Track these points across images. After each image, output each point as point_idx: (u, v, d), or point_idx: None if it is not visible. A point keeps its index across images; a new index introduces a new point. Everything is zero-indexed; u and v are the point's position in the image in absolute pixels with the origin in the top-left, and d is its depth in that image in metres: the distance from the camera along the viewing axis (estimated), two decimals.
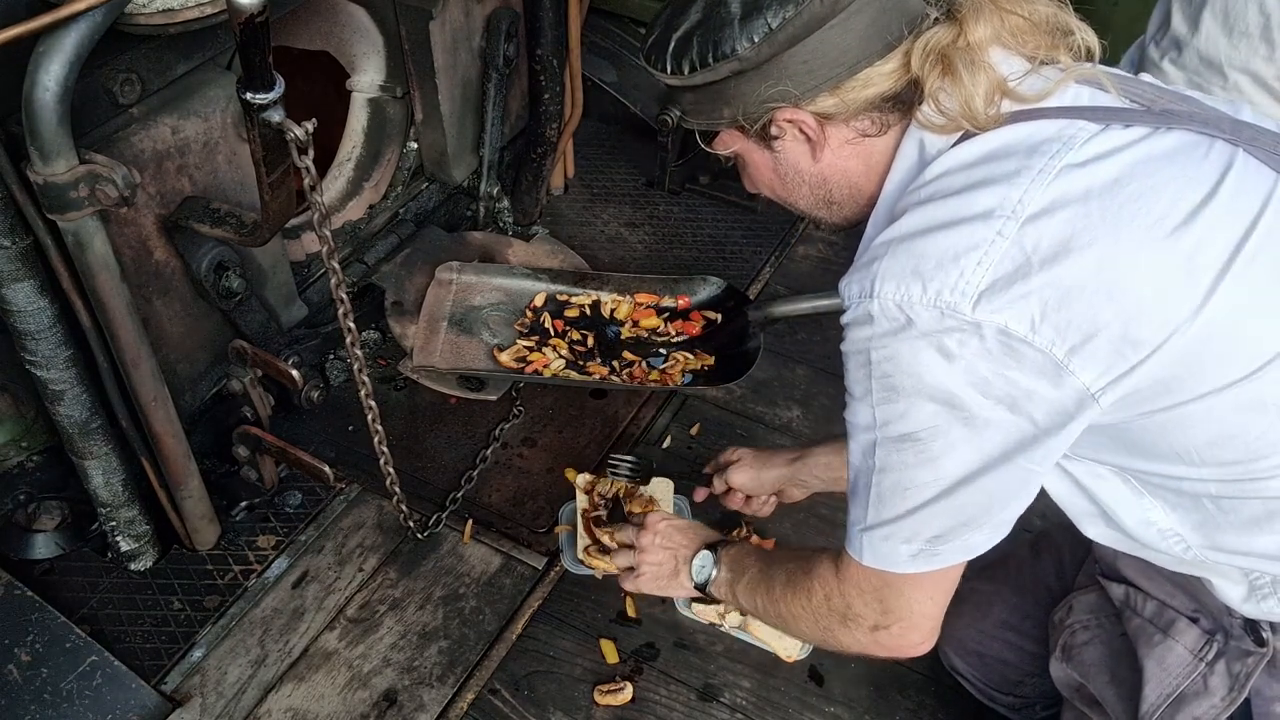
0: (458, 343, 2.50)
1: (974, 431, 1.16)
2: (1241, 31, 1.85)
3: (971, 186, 1.14)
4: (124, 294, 1.68)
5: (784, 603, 1.50)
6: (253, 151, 1.55)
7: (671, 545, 1.77)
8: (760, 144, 1.31)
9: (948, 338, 1.11)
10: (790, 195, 1.38)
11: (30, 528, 2.10)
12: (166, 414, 1.87)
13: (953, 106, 1.17)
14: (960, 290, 1.10)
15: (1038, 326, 1.09)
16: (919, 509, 1.22)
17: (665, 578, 1.78)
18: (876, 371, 1.17)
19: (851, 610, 1.37)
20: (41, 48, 1.40)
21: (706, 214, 3.11)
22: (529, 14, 2.63)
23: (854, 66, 1.19)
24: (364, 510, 2.25)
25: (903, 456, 1.21)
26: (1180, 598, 1.37)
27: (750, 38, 1.19)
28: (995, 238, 1.10)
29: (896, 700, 1.94)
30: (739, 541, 1.70)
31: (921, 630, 1.35)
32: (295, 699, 1.93)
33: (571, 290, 2.66)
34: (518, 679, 1.97)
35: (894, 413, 1.18)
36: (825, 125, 1.25)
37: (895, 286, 1.13)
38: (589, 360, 2.49)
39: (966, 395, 1.14)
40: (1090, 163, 1.12)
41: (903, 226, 1.17)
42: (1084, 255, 1.08)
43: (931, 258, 1.12)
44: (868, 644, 1.38)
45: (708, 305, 2.63)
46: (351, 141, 2.71)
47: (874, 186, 1.30)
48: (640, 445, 2.41)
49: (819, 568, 1.42)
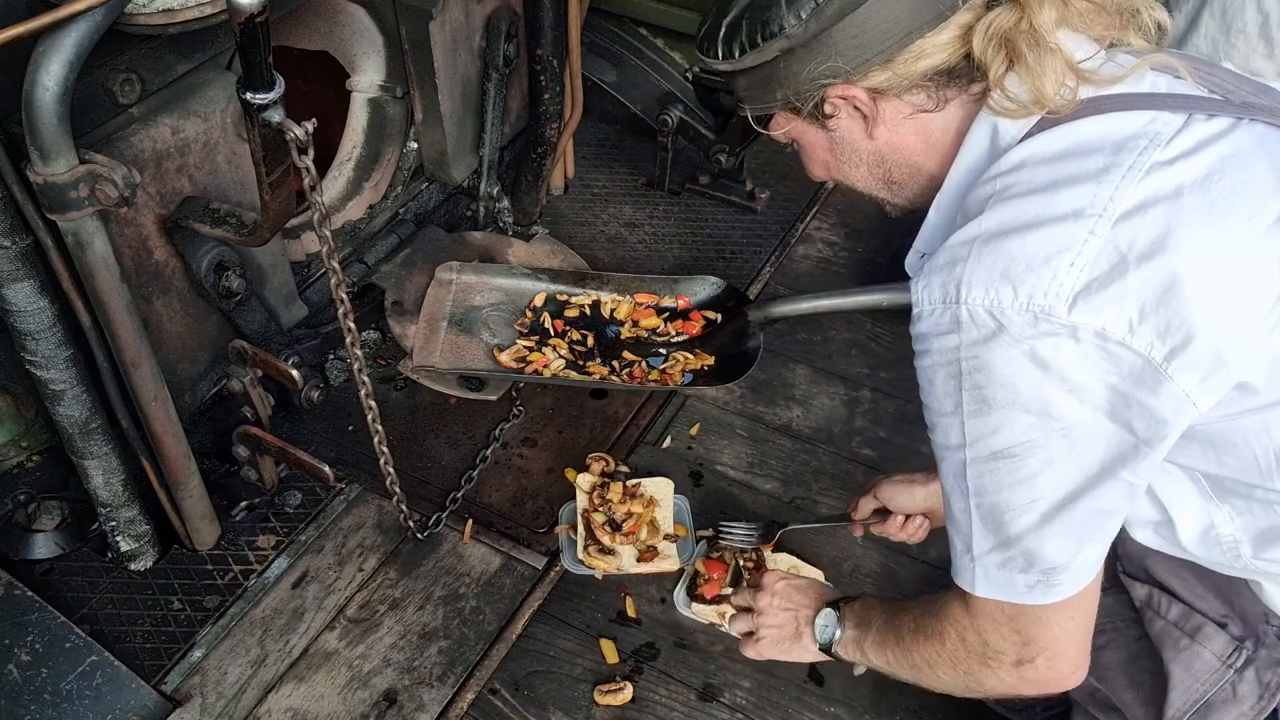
0: (458, 343, 2.50)
1: (1071, 444, 1.11)
2: (1239, 30, 1.85)
3: (1058, 184, 1.10)
4: (124, 294, 1.68)
5: (916, 651, 1.39)
6: (253, 151, 1.55)
7: (792, 606, 1.64)
8: (814, 124, 1.30)
9: (1041, 344, 1.06)
10: (849, 176, 1.35)
11: (30, 528, 2.10)
12: (166, 414, 1.87)
13: (1022, 93, 1.13)
14: (1055, 293, 1.05)
15: (1136, 328, 1.05)
16: (1024, 535, 1.16)
17: (787, 640, 1.64)
18: (967, 383, 1.12)
19: (990, 648, 1.28)
20: (41, 47, 1.40)
21: (706, 214, 3.11)
22: (529, 14, 2.63)
23: (905, 38, 1.16)
24: (364, 510, 2.25)
25: (997, 477, 1.15)
26: (1211, 601, 1.34)
27: (798, 14, 1.17)
28: (1088, 237, 1.06)
29: (896, 700, 1.94)
30: (861, 596, 1.58)
31: (1069, 658, 1.25)
32: (295, 699, 1.93)
33: (571, 290, 2.66)
34: (518, 679, 1.97)
35: (986, 427, 1.13)
36: (878, 100, 1.22)
37: (984, 291, 1.08)
38: (589, 360, 2.49)
39: (1063, 404, 1.09)
40: (1179, 159, 1.08)
41: (985, 224, 1.11)
42: (1181, 252, 1.04)
43: (1021, 260, 1.07)
44: (1014, 683, 1.28)
45: (707, 305, 2.63)
46: (351, 141, 2.71)
47: (936, 166, 1.26)
48: (640, 445, 2.41)
49: (948, 609, 1.33)
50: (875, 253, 2.95)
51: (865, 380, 2.57)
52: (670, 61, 3.22)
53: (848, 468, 2.36)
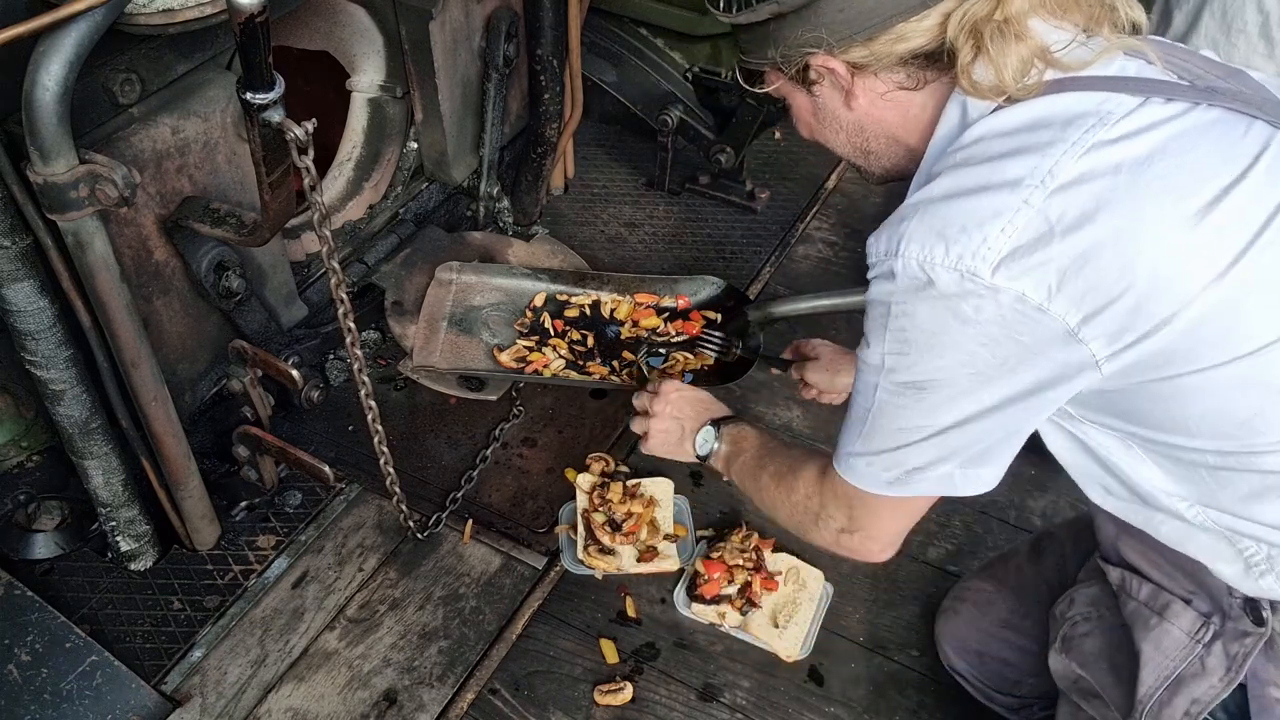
0: (457, 343, 2.50)
1: (976, 386, 1.20)
2: (1239, 29, 1.85)
3: (1005, 154, 1.15)
4: (124, 294, 1.68)
5: (768, 492, 1.60)
6: (253, 151, 1.55)
7: (680, 416, 1.84)
8: (799, 87, 1.35)
9: (965, 302, 1.14)
10: (829, 140, 1.41)
11: (30, 528, 2.10)
12: (166, 414, 1.87)
13: (985, 79, 1.19)
14: (981, 255, 1.12)
15: (1054, 295, 1.11)
16: (906, 447, 1.28)
17: (673, 444, 1.85)
18: (893, 324, 1.21)
19: (825, 512, 1.47)
20: (41, 47, 1.40)
21: (706, 214, 3.11)
22: (529, 14, 2.63)
23: (888, 20, 1.20)
24: (364, 510, 2.25)
25: (902, 401, 1.25)
26: (1179, 579, 1.37)
27: None
28: (1021, 206, 1.11)
29: (896, 700, 1.94)
30: (740, 422, 1.78)
31: (881, 542, 1.44)
32: (295, 699, 1.93)
33: (571, 290, 2.66)
34: (518, 679, 1.97)
35: (902, 364, 1.23)
36: (856, 75, 1.27)
37: (920, 247, 1.16)
38: (589, 360, 2.49)
39: (977, 354, 1.17)
40: (1124, 139, 1.13)
41: (934, 190, 1.19)
42: (1105, 226, 1.10)
43: (957, 222, 1.14)
44: (832, 543, 1.48)
45: (707, 305, 2.63)
46: (351, 141, 2.71)
47: (915, 140, 1.32)
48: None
49: (805, 470, 1.52)
50: None
51: None
52: (670, 61, 3.22)
53: None
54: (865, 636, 2.05)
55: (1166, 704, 1.35)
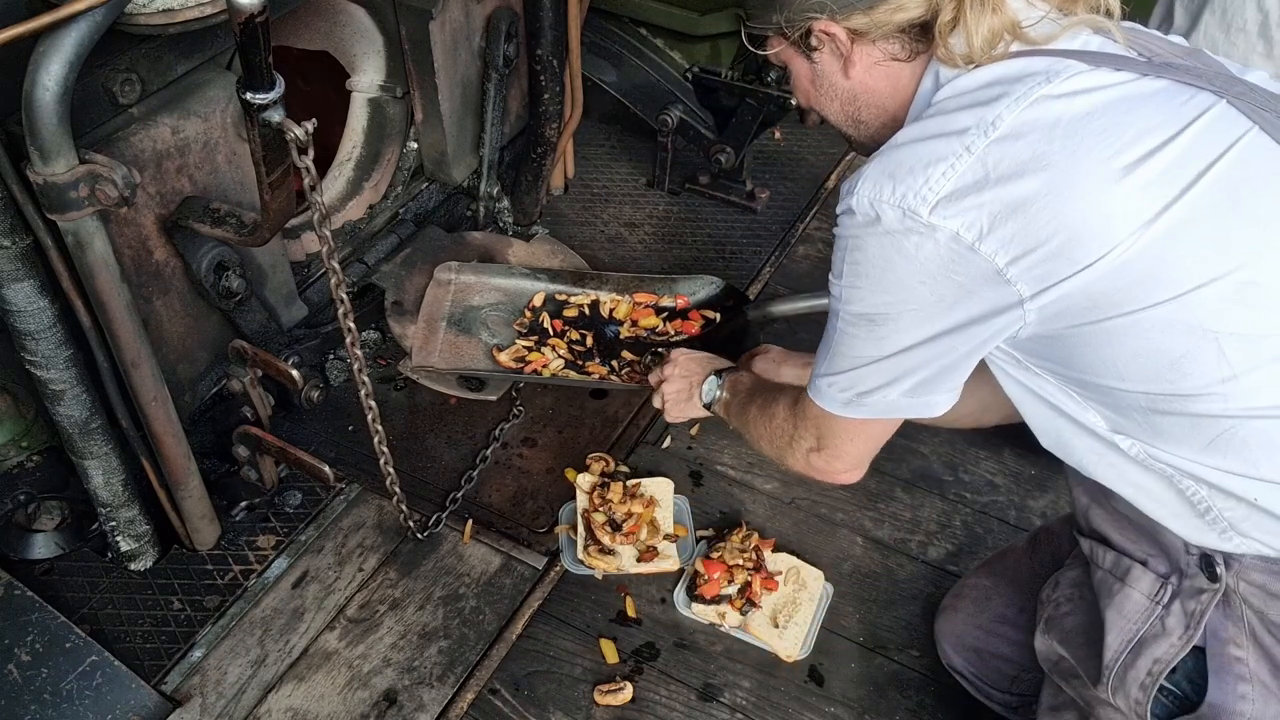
0: (456, 343, 2.50)
1: (917, 319, 1.30)
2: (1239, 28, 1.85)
3: (958, 109, 1.25)
4: (124, 294, 1.68)
5: (754, 423, 1.72)
6: (253, 151, 1.55)
7: (687, 374, 1.98)
8: (800, 53, 1.42)
9: (906, 238, 1.24)
10: (824, 107, 1.48)
11: (30, 528, 2.10)
12: (166, 414, 1.87)
13: (958, 47, 1.27)
14: (921, 196, 1.21)
15: (984, 236, 1.20)
16: (858, 368, 1.40)
17: (684, 401, 1.98)
18: (848, 259, 1.32)
19: (797, 434, 1.58)
20: (41, 47, 1.40)
21: (706, 214, 3.11)
22: (529, 14, 2.63)
23: None
24: (364, 510, 2.25)
25: (855, 330, 1.36)
26: (1141, 543, 1.40)
27: None
28: (963, 152, 1.20)
29: (896, 700, 1.94)
30: (740, 370, 1.92)
31: (845, 461, 1.55)
32: (295, 699, 1.93)
33: (570, 290, 2.65)
34: (518, 679, 1.97)
35: (855, 296, 1.33)
36: (855, 42, 1.35)
37: (871, 186, 1.25)
38: (588, 360, 2.49)
39: (917, 290, 1.27)
40: (1068, 95, 1.21)
41: (896, 138, 1.29)
42: (1036, 177, 1.18)
43: (906, 164, 1.23)
44: (804, 465, 1.59)
45: (707, 305, 2.63)
46: (351, 141, 2.71)
47: (900, 110, 1.40)
48: (640, 445, 2.41)
49: (784, 398, 1.65)
50: None
51: None
52: (670, 61, 3.22)
53: None
54: (865, 636, 2.05)
55: (1130, 666, 1.37)
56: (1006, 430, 2.39)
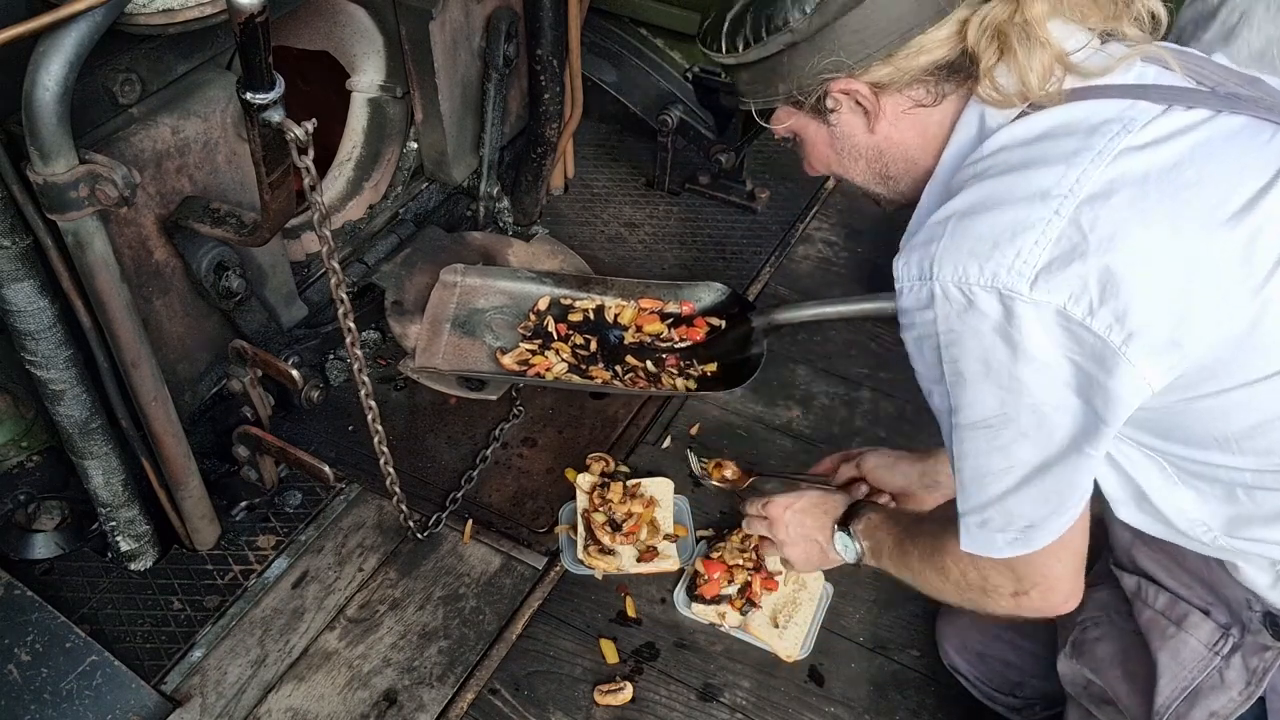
0: (460, 345, 2.50)
1: (1041, 419, 1.16)
2: None
3: (1029, 164, 1.13)
4: (124, 294, 1.68)
5: (925, 580, 1.50)
6: (253, 151, 1.55)
7: (807, 531, 1.74)
8: (816, 118, 1.32)
9: (1010, 322, 1.10)
10: (848, 170, 1.37)
11: (30, 528, 2.10)
12: (166, 414, 1.87)
13: (1009, 84, 1.16)
14: (1017, 271, 1.08)
15: (1095, 310, 1.08)
16: (1003, 498, 1.22)
17: (817, 560, 1.76)
18: (946, 356, 1.17)
19: (989, 583, 1.37)
20: (41, 47, 1.40)
21: (706, 214, 3.10)
22: (529, 14, 2.63)
23: (906, 34, 1.19)
24: (364, 510, 2.25)
25: (976, 444, 1.21)
26: (1197, 589, 1.36)
27: (802, 8, 1.20)
28: (1052, 217, 1.09)
29: (896, 700, 1.94)
30: (864, 514, 1.65)
31: (1061, 590, 1.33)
32: (295, 699, 1.93)
33: (575, 294, 2.65)
34: (518, 679, 1.97)
35: (964, 399, 1.19)
36: (880, 94, 1.25)
37: (953, 268, 1.12)
38: (592, 364, 2.48)
39: (1030, 379, 1.13)
40: (1150, 146, 1.11)
41: (958, 203, 1.15)
42: (1140, 240, 1.07)
43: (988, 237, 1.10)
44: (1013, 608, 1.37)
45: (711, 311, 2.63)
46: (351, 141, 2.71)
47: (931, 160, 1.29)
48: (640, 445, 2.41)
49: (949, 544, 1.39)
50: (875, 253, 2.95)
51: (865, 380, 2.57)
52: (670, 61, 3.21)
53: None
54: (865, 636, 2.05)
55: (1184, 715, 1.34)
56: None
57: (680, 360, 2.52)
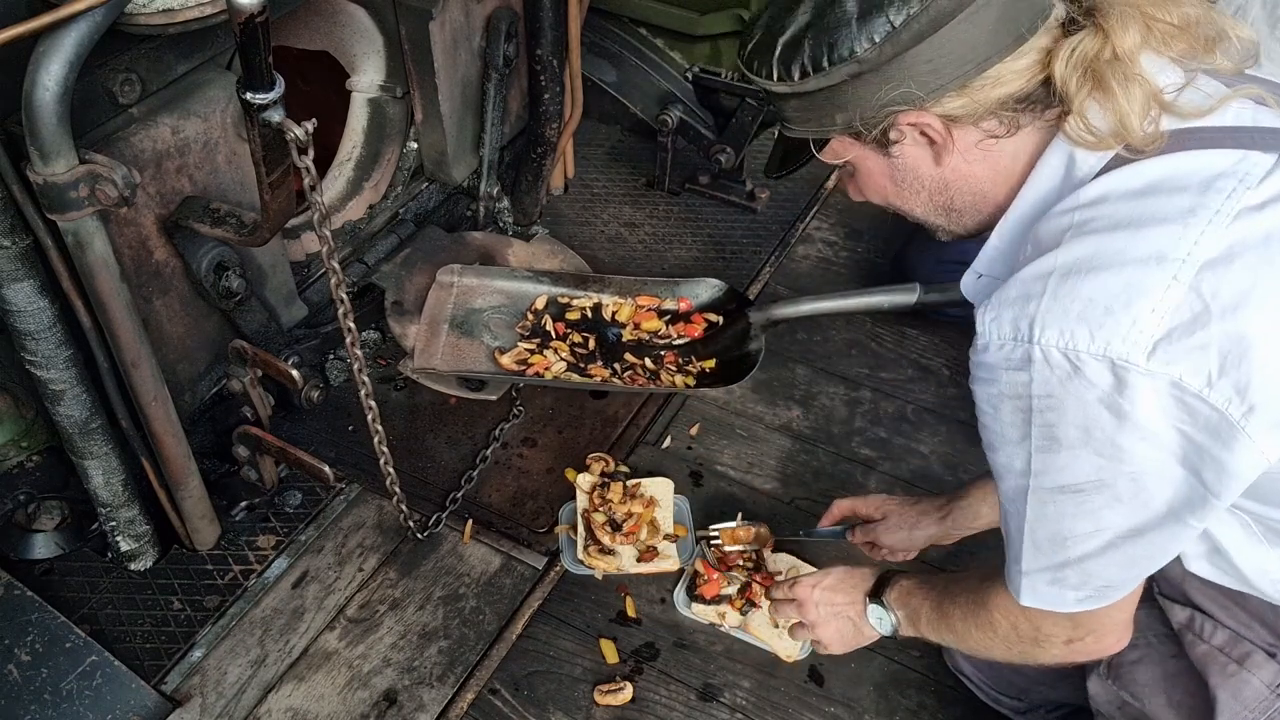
0: (459, 345, 2.50)
1: (1139, 487, 1.10)
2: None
3: (1141, 222, 1.05)
4: (124, 294, 1.68)
5: (970, 638, 1.45)
6: (253, 151, 1.55)
7: (838, 609, 1.68)
8: (877, 150, 1.24)
9: (1119, 394, 1.04)
10: (906, 203, 1.30)
11: (30, 528, 2.10)
12: (166, 414, 1.87)
13: (1105, 125, 1.10)
14: (1133, 340, 1.02)
15: (1215, 382, 1.02)
16: (1083, 560, 1.18)
17: (851, 638, 1.70)
18: (1038, 420, 1.10)
19: (1042, 633, 1.33)
20: (41, 48, 1.40)
21: (706, 214, 3.10)
22: (529, 14, 2.63)
23: (983, 64, 1.12)
24: (364, 510, 2.25)
25: (1060, 508, 1.15)
26: (1258, 630, 1.33)
27: (870, 37, 1.11)
28: (1171, 283, 1.02)
29: (896, 700, 1.94)
30: (895, 583, 1.60)
31: (1116, 634, 1.32)
32: (295, 699, 1.93)
33: (573, 293, 2.66)
34: (518, 679, 1.97)
35: (1053, 464, 1.12)
36: (952, 127, 1.17)
37: (1059, 333, 1.05)
38: (590, 363, 2.49)
39: (1134, 449, 1.07)
40: (1269, 204, 1.05)
41: (1062, 259, 1.07)
42: (1267, 306, 1.01)
43: (1100, 303, 1.03)
44: (1064, 656, 1.35)
45: (709, 308, 2.63)
46: (351, 141, 2.71)
47: (1002, 193, 1.22)
48: (640, 445, 2.41)
49: (995, 599, 1.36)
50: (875, 253, 2.95)
51: (865, 380, 2.57)
52: (670, 61, 3.22)
53: (847, 468, 2.36)
54: None
55: None
56: None
57: (678, 357, 2.52)
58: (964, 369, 2.57)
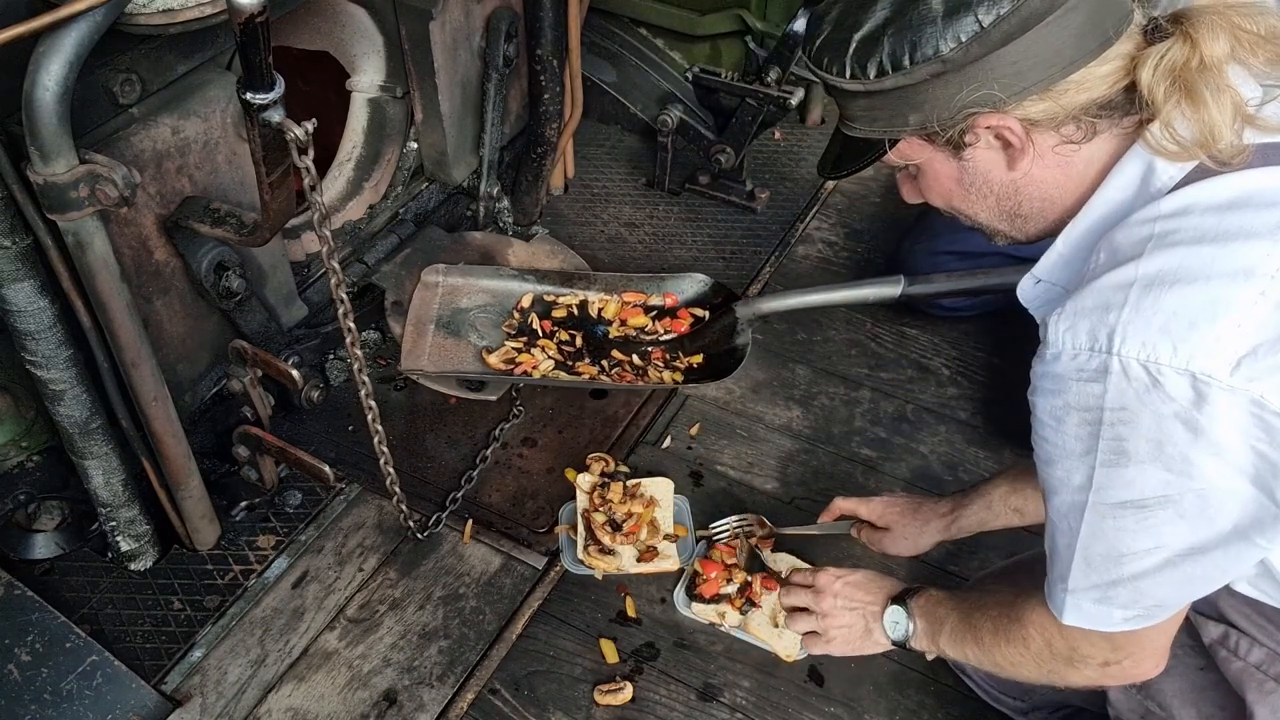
0: (445, 345, 2.49)
1: (1206, 504, 1.08)
2: None
3: (1226, 236, 1.04)
4: (124, 294, 1.68)
5: (998, 652, 1.42)
6: (253, 151, 1.55)
7: (857, 604, 1.66)
8: (948, 152, 1.21)
9: (1197, 406, 1.02)
10: (971, 207, 1.27)
11: (30, 528, 2.10)
12: (166, 414, 1.87)
13: (1191, 134, 1.07)
14: (1217, 355, 1.00)
15: None
16: (1137, 578, 1.15)
17: (857, 639, 1.68)
18: (1107, 433, 1.08)
19: (1078, 653, 1.31)
20: (41, 48, 1.40)
21: (706, 214, 3.11)
22: (529, 14, 2.63)
23: (1068, 67, 1.09)
24: (364, 510, 2.25)
25: (1120, 523, 1.12)
26: None
27: (957, 37, 1.08)
28: (1258, 298, 1.01)
29: (896, 700, 1.94)
30: (923, 590, 1.59)
31: (1154, 658, 1.29)
32: (295, 699, 1.93)
33: (559, 290, 2.64)
34: (518, 679, 1.97)
35: (1119, 478, 1.10)
36: (1031, 131, 1.15)
37: (1140, 345, 1.03)
38: (578, 360, 2.48)
39: (1206, 465, 1.05)
40: None
41: (1144, 270, 1.05)
42: None
43: (1184, 316, 1.02)
44: (1097, 679, 1.33)
45: (695, 303, 2.62)
46: (351, 141, 2.71)
47: (1071, 199, 1.19)
48: (640, 445, 2.41)
49: (1031, 614, 1.34)
50: (875, 252, 2.95)
51: (865, 380, 2.57)
52: (670, 61, 3.22)
53: (847, 468, 2.36)
54: None
55: None
56: (1007, 430, 2.40)
57: (666, 353, 2.51)
58: (963, 368, 2.58)
